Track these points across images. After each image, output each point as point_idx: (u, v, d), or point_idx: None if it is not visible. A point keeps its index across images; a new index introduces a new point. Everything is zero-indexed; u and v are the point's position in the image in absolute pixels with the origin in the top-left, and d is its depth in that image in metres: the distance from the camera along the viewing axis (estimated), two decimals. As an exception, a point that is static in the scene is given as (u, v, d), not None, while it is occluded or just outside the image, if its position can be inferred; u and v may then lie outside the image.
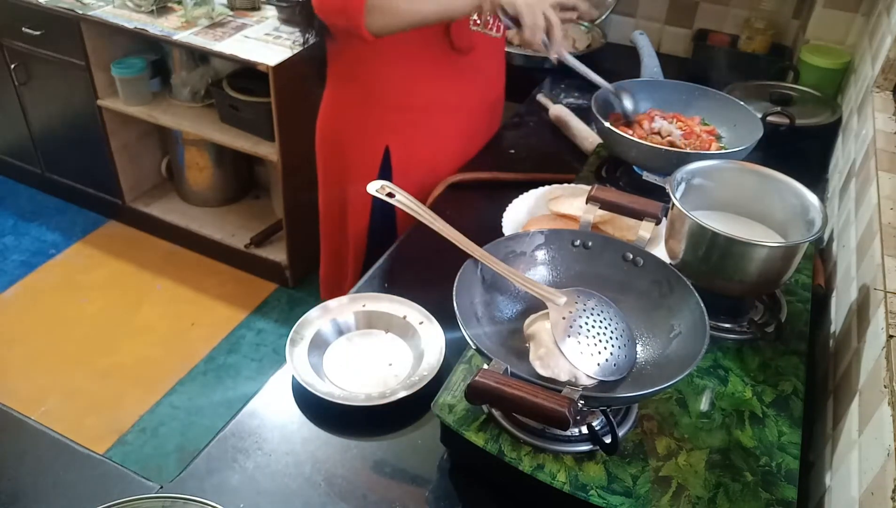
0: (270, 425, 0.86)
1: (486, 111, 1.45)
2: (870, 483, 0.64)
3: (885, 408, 0.66)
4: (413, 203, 0.83)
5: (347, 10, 1.13)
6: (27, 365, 2.13)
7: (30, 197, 2.80)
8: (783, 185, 0.94)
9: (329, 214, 1.48)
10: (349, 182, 1.40)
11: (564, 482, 0.72)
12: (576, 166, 1.33)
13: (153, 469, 1.85)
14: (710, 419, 0.81)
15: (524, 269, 0.86)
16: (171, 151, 2.57)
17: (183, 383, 2.10)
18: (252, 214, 2.60)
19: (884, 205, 0.91)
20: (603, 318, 0.78)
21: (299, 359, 0.91)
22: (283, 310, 2.37)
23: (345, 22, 1.16)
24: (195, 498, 0.73)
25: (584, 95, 1.67)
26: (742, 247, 0.85)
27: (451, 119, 1.38)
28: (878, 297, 0.79)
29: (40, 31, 2.27)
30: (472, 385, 0.66)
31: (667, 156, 1.13)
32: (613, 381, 0.75)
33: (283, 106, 2.05)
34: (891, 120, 1.14)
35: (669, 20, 1.88)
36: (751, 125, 1.19)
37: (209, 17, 2.18)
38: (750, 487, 0.74)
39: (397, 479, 0.81)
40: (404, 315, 0.98)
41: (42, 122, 2.57)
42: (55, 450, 0.82)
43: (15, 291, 2.39)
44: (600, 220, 1.08)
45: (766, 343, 0.91)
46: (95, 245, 2.59)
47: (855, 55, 1.58)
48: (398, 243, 1.19)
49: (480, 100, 1.43)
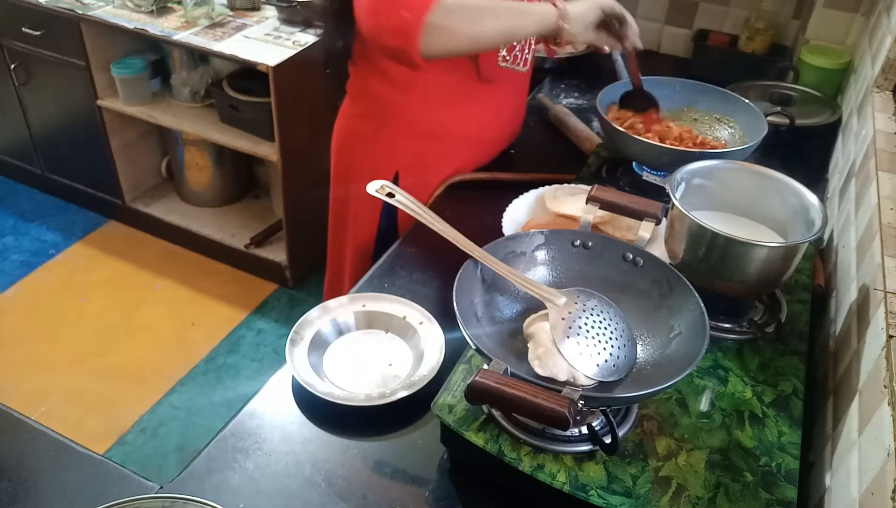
0: (270, 425, 0.86)
1: (500, 144, 1.41)
2: (870, 483, 0.64)
3: (885, 408, 0.66)
4: (413, 203, 0.83)
5: (405, 30, 1.02)
6: (27, 365, 2.13)
7: (30, 197, 2.80)
8: (783, 185, 0.94)
9: (336, 223, 1.47)
10: (358, 195, 1.37)
11: (564, 482, 0.72)
12: (576, 166, 1.33)
13: (153, 469, 1.85)
14: (710, 420, 0.81)
15: (524, 269, 0.86)
16: (171, 151, 2.57)
17: (183, 383, 2.10)
18: (252, 214, 2.60)
19: (884, 205, 0.91)
20: (603, 318, 0.78)
21: (299, 359, 0.91)
22: (283, 310, 2.37)
23: (400, 42, 1.04)
24: (195, 498, 0.73)
25: (584, 95, 1.67)
26: (742, 247, 0.85)
27: (464, 149, 1.33)
28: (878, 297, 0.79)
29: (40, 31, 2.27)
30: (472, 385, 0.66)
31: (670, 154, 1.13)
32: (613, 381, 0.75)
33: (283, 106, 2.05)
34: (891, 120, 1.14)
35: (669, 20, 1.88)
36: (755, 123, 1.19)
37: (209, 17, 2.19)
38: (750, 487, 0.74)
39: (397, 479, 0.81)
40: (404, 315, 0.98)
41: (42, 122, 2.57)
42: (55, 450, 0.82)
43: (15, 291, 2.40)
44: (600, 220, 1.08)
45: (766, 343, 0.91)
46: (95, 245, 2.60)
47: (855, 55, 1.58)
48: (398, 243, 1.19)
49: (497, 133, 1.38)
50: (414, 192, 1.23)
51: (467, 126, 1.30)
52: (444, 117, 1.28)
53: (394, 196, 0.83)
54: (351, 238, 1.41)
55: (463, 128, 1.30)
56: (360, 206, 1.36)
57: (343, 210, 1.40)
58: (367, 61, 1.25)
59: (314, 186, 1.52)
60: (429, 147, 1.29)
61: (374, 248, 1.37)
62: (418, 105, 1.26)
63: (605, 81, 1.30)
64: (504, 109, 1.37)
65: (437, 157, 1.31)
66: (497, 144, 1.40)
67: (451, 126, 1.29)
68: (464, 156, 1.34)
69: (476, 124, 1.32)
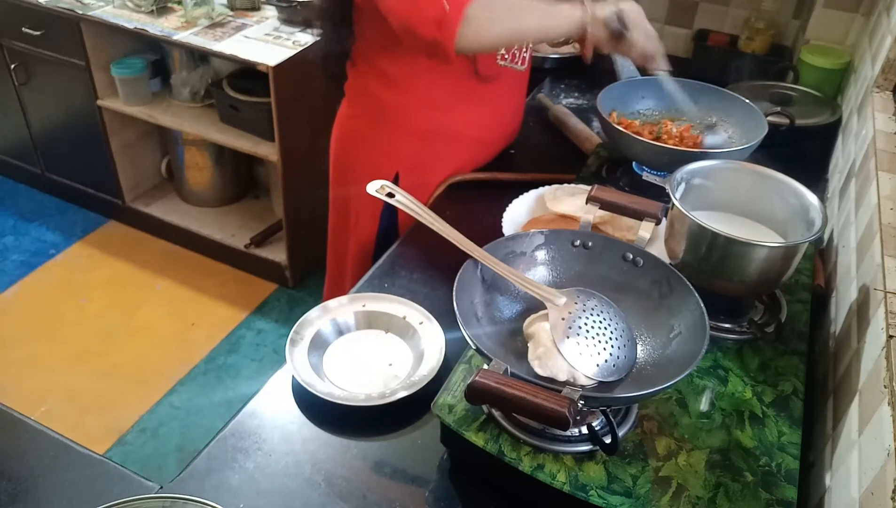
0: (270, 425, 0.86)
1: (500, 144, 1.41)
2: (870, 483, 0.64)
3: (885, 408, 0.66)
4: (413, 203, 0.83)
5: (444, 21, 1.01)
6: (27, 365, 2.13)
7: (30, 197, 2.80)
8: (783, 185, 0.94)
9: (336, 224, 1.47)
10: (358, 196, 1.38)
11: (564, 482, 0.72)
12: (576, 166, 1.33)
13: (153, 469, 1.85)
14: (710, 420, 0.81)
15: (524, 269, 0.86)
16: (171, 151, 2.57)
17: (183, 383, 2.10)
18: (252, 214, 2.60)
19: (884, 205, 0.91)
20: (603, 318, 0.78)
21: (299, 359, 0.91)
22: (283, 310, 2.37)
23: (436, 33, 1.03)
24: (195, 498, 0.73)
25: (584, 95, 1.67)
26: (742, 247, 0.85)
27: (463, 149, 1.33)
28: (878, 297, 0.79)
29: (40, 31, 2.27)
30: (472, 385, 0.66)
31: (670, 154, 1.13)
32: (613, 381, 0.75)
33: (283, 106, 2.05)
34: (891, 120, 1.14)
35: (669, 20, 1.88)
36: (755, 123, 1.19)
37: (209, 17, 2.19)
38: (750, 487, 0.74)
39: (397, 479, 0.81)
40: (404, 315, 0.98)
41: (42, 122, 2.57)
42: (55, 450, 0.82)
43: (15, 291, 2.40)
44: (600, 220, 1.08)
45: (766, 343, 0.91)
46: (95, 245, 2.59)
47: (855, 55, 1.58)
48: (398, 243, 1.19)
49: (496, 133, 1.38)
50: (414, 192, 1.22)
51: (466, 126, 1.30)
52: (442, 117, 1.28)
53: (394, 196, 0.83)
54: (351, 239, 1.41)
55: (462, 128, 1.30)
56: (360, 206, 1.36)
57: (343, 211, 1.40)
58: (365, 62, 1.25)
59: (314, 186, 1.52)
60: (428, 147, 1.29)
61: (375, 248, 1.37)
62: (417, 105, 1.26)
63: (606, 81, 1.30)
64: (503, 109, 1.37)
65: (436, 157, 1.31)
66: (496, 144, 1.40)
67: (449, 126, 1.29)
68: (463, 156, 1.34)
69: (475, 124, 1.32)
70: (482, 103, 1.30)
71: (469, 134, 1.32)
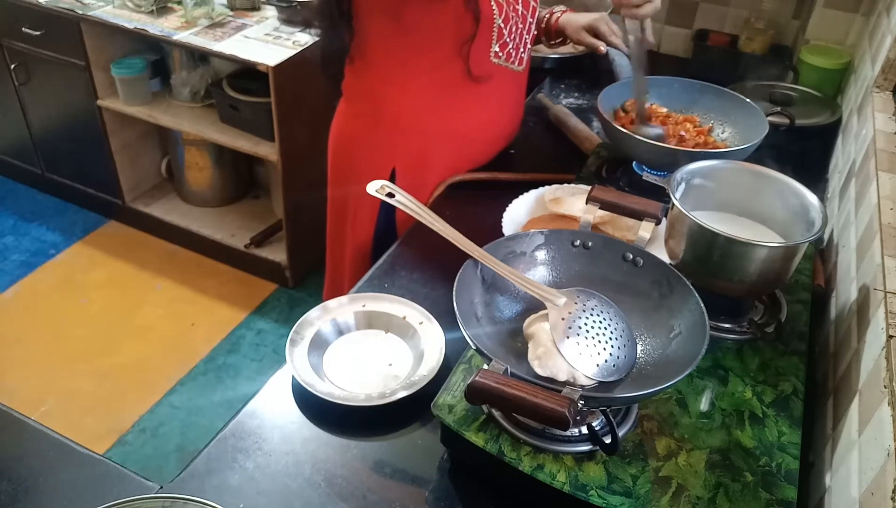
0: (270, 425, 0.86)
1: (499, 144, 1.40)
2: (870, 483, 0.64)
3: (885, 408, 0.66)
4: (413, 203, 0.83)
5: None
6: (27, 365, 2.13)
7: (30, 197, 2.80)
8: (783, 185, 0.94)
9: (334, 223, 1.47)
10: (356, 195, 1.38)
11: (564, 482, 0.72)
12: (576, 166, 1.33)
13: (153, 469, 1.85)
14: (710, 420, 0.81)
15: (524, 269, 0.86)
16: (171, 152, 2.57)
17: (183, 383, 2.10)
18: (252, 214, 2.60)
19: (884, 205, 0.91)
20: (603, 318, 0.78)
21: (299, 359, 0.91)
22: (283, 310, 2.37)
23: None
24: (195, 498, 0.73)
25: (584, 95, 1.67)
26: (742, 247, 0.85)
27: (461, 148, 1.33)
28: (878, 297, 0.79)
29: (40, 31, 2.27)
30: (472, 385, 0.66)
31: (670, 154, 1.13)
32: (613, 381, 0.75)
33: (283, 106, 2.05)
34: (891, 120, 1.14)
35: (669, 20, 1.88)
36: (755, 123, 1.19)
37: (209, 17, 2.19)
38: (750, 487, 0.74)
39: (397, 479, 0.81)
40: (404, 315, 0.98)
41: (42, 122, 2.57)
42: (55, 450, 0.82)
43: (15, 291, 2.40)
44: (600, 220, 1.08)
45: (765, 343, 0.91)
46: (95, 245, 2.59)
47: (855, 55, 1.58)
48: (398, 243, 1.19)
49: (495, 133, 1.38)
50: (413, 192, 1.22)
51: (464, 125, 1.30)
52: (439, 117, 1.28)
53: (394, 196, 0.83)
54: (349, 238, 1.41)
55: (459, 127, 1.30)
56: (358, 206, 1.36)
57: (341, 210, 1.40)
58: (363, 61, 1.25)
59: (314, 186, 1.52)
60: (426, 147, 1.29)
61: (373, 248, 1.38)
62: (414, 104, 1.26)
63: (605, 81, 1.30)
64: (502, 109, 1.37)
65: (434, 156, 1.31)
66: (495, 143, 1.40)
67: (447, 126, 1.29)
68: (462, 155, 1.34)
69: (473, 124, 1.32)
70: (480, 103, 1.30)
71: (467, 134, 1.32)
